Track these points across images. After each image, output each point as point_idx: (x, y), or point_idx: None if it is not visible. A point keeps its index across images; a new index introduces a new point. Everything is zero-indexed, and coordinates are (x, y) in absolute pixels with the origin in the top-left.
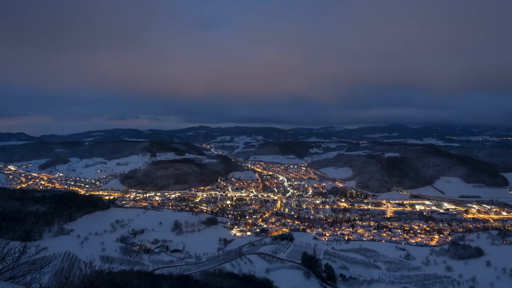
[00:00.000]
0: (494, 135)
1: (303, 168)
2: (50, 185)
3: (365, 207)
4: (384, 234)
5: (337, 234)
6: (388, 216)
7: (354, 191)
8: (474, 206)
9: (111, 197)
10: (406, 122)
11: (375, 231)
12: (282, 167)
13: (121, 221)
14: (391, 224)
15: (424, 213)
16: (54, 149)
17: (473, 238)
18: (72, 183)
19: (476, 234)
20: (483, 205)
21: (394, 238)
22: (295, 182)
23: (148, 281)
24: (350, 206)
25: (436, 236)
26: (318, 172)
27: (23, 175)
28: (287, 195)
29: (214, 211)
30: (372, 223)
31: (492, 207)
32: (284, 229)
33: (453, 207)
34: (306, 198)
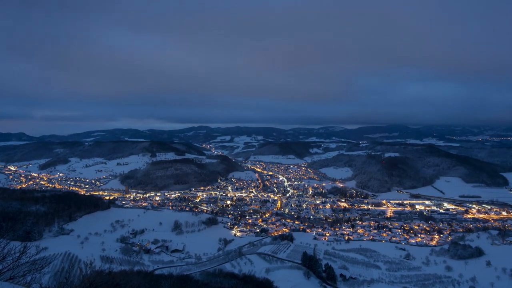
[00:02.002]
0: (494, 135)
1: (303, 168)
2: (50, 185)
3: (365, 207)
4: (384, 234)
5: (337, 234)
6: (388, 216)
7: (354, 191)
8: (474, 206)
9: (111, 197)
10: (406, 122)
11: (375, 231)
12: (282, 167)
13: (121, 221)
14: (391, 224)
15: (424, 213)
16: (54, 149)
17: (473, 238)
18: (72, 183)
19: (476, 234)
20: (483, 205)
21: (394, 238)
22: (295, 182)
23: (148, 281)
24: (350, 206)
25: (436, 236)
26: (318, 172)
27: (23, 175)
28: (287, 195)
29: (214, 211)
30: (372, 223)
31: (492, 207)
32: (284, 229)
33: (453, 207)
34: (306, 198)
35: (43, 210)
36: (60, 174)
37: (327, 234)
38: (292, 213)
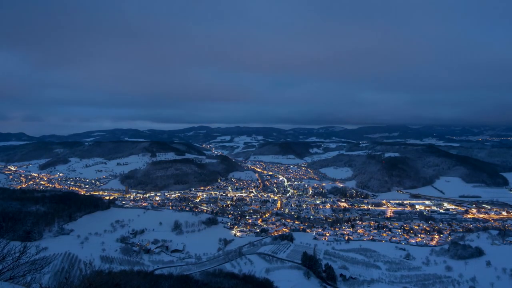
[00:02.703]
0: (494, 135)
1: (303, 168)
2: (50, 185)
3: (365, 207)
4: (384, 234)
5: (337, 234)
6: (388, 216)
7: (354, 191)
8: (474, 206)
9: (111, 197)
10: (406, 122)
11: (375, 231)
12: (282, 167)
13: (121, 221)
14: (391, 224)
15: (424, 213)
16: (54, 149)
17: (473, 238)
18: (72, 183)
19: (476, 234)
20: (483, 205)
21: (394, 238)
22: (295, 182)
23: (148, 281)
24: (350, 206)
25: (436, 236)
26: (318, 172)
27: (23, 175)
28: (287, 195)
29: (214, 211)
30: (372, 223)
31: (492, 207)
32: (284, 229)
33: (453, 207)
34: (306, 198)
35: (43, 210)
36: (60, 174)
37: (327, 234)
38: (292, 213)
